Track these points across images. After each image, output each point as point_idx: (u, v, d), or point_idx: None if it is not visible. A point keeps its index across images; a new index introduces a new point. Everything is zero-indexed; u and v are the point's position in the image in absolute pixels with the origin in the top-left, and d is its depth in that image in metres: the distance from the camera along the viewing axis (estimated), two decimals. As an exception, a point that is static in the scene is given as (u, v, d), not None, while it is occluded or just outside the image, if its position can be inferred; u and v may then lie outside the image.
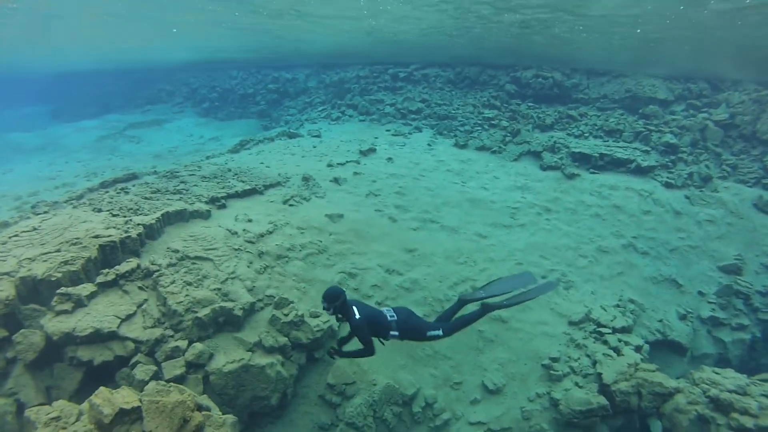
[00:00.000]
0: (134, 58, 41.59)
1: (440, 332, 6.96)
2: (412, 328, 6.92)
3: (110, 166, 24.93)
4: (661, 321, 13.06)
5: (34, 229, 11.12)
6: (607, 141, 21.64)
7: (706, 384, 9.20)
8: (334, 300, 6.37)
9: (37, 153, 30.33)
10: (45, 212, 13.26)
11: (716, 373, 9.52)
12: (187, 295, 9.66)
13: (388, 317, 6.82)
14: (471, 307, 7.39)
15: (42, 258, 9.66)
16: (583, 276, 13.81)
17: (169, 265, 10.50)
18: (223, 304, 9.59)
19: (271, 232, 12.70)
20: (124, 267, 10.06)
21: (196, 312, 9.32)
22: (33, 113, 46.97)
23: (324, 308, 6.46)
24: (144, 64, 46.78)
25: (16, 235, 10.84)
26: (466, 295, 7.52)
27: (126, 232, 10.90)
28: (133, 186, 15.27)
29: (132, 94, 46.94)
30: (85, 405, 6.61)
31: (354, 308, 6.55)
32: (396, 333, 6.78)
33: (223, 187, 15.22)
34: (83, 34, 25.06)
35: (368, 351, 6.47)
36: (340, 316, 6.56)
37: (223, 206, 14.07)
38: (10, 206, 18.17)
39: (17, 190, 20.43)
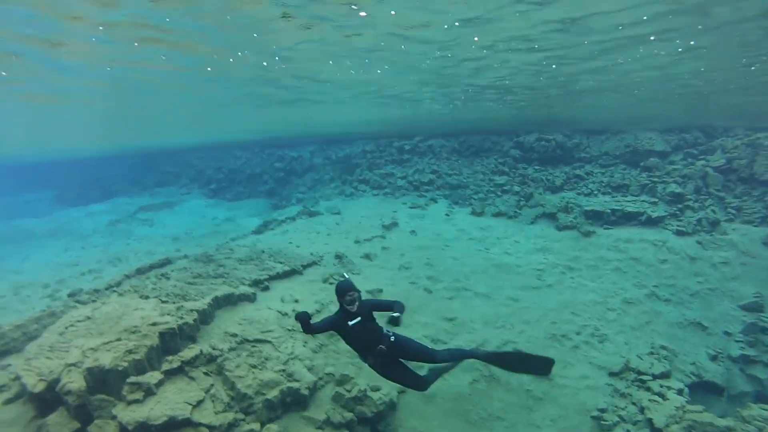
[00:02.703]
0: (138, 143, 42.58)
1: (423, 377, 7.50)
2: (403, 348, 7.33)
3: (131, 250, 25.57)
4: (694, 363, 13.56)
5: (88, 318, 11.65)
6: (616, 196, 22.63)
7: (759, 421, 9.63)
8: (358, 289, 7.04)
9: (50, 238, 30.86)
10: (93, 301, 13.85)
11: (765, 410, 9.96)
12: (254, 378, 10.18)
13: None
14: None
15: (105, 347, 10.12)
16: (614, 328, 14.41)
17: (231, 349, 11.10)
18: (289, 384, 10.14)
19: (319, 311, 13.41)
20: (187, 353, 10.59)
21: (265, 394, 9.82)
22: (36, 199, 47.54)
23: (354, 298, 6.98)
24: (147, 147, 47.93)
25: (72, 325, 11.35)
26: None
27: (181, 318, 11.43)
28: (172, 271, 15.87)
29: (137, 177, 47.82)
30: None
31: None
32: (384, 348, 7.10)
33: (263, 270, 15.85)
34: (83, 122, 26.17)
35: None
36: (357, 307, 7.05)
37: (267, 288, 14.72)
38: (40, 294, 18.77)
39: (42, 278, 21.07)
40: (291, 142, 42.68)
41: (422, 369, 8.02)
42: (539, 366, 7.64)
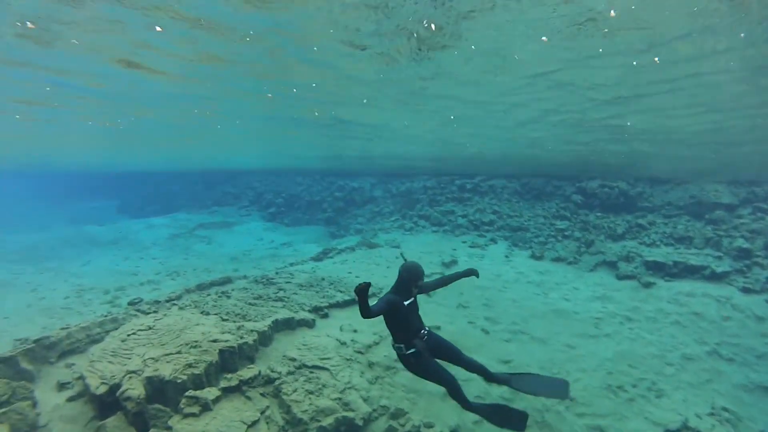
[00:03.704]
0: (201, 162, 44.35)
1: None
2: (437, 341, 7.64)
3: (189, 265, 26.70)
4: (763, 432, 13.13)
5: (150, 328, 12.33)
6: (679, 248, 22.26)
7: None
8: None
9: (112, 247, 32.69)
10: (154, 311, 14.71)
11: None
12: (310, 404, 10.46)
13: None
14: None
15: (165, 359, 10.66)
16: (672, 384, 14.17)
17: (289, 373, 11.48)
18: (345, 413, 10.41)
19: (377, 343, 13.76)
20: (246, 373, 11.00)
21: (320, 421, 10.08)
22: (100, 207, 51.09)
23: (419, 283, 7.34)
24: (209, 167, 49.63)
25: (134, 333, 12.04)
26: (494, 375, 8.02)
27: (241, 337, 11.96)
28: (232, 290, 16.63)
29: (196, 195, 50.00)
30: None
31: None
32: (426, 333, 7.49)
33: (323, 297, 16.43)
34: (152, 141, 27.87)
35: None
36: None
37: (326, 316, 15.27)
38: (101, 299, 19.85)
39: (103, 283, 22.38)
40: (352, 172, 43.47)
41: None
42: (555, 388, 7.96)
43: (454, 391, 7.68)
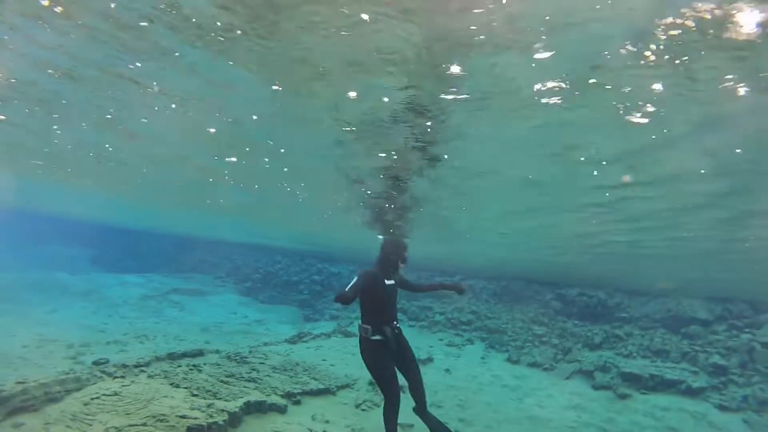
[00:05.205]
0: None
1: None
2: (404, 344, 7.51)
3: (160, 331, 25.72)
4: None
5: (115, 394, 11.76)
6: (655, 361, 22.21)
7: None
8: None
9: (81, 298, 31.69)
10: (122, 376, 13.90)
11: None
12: (279, 496, 10.14)
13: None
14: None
15: (129, 430, 10.09)
16: (649, 501, 13.83)
17: (259, 459, 11.11)
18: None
19: (350, 438, 13.31)
20: None
21: None
22: (73, 255, 49.95)
23: (406, 256, 7.37)
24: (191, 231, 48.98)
25: (98, 398, 11.43)
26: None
27: (211, 416, 11.40)
28: (204, 365, 16.07)
29: (173, 257, 49.69)
30: None
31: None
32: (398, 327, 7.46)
33: (297, 383, 15.94)
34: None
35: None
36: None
37: (298, 402, 14.70)
38: (63, 354, 18.68)
39: (67, 336, 21.16)
40: (330, 256, 43.64)
41: None
42: None
43: (391, 409, 7.43)
